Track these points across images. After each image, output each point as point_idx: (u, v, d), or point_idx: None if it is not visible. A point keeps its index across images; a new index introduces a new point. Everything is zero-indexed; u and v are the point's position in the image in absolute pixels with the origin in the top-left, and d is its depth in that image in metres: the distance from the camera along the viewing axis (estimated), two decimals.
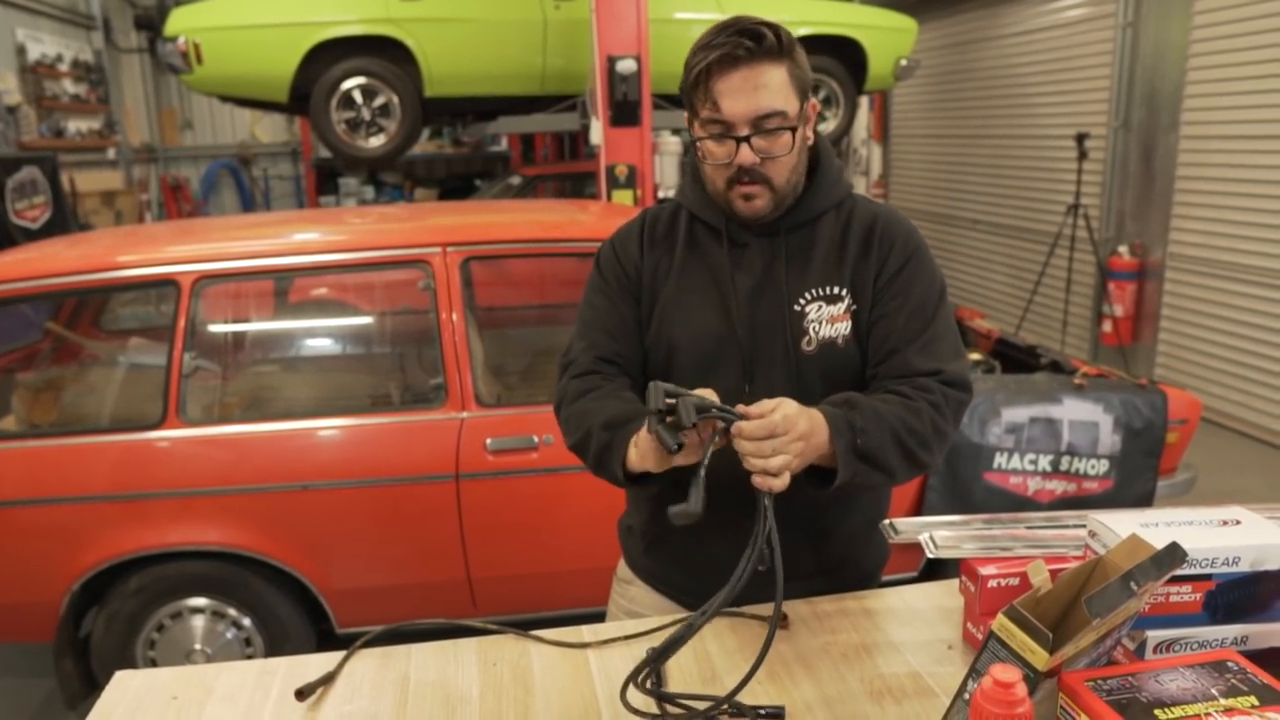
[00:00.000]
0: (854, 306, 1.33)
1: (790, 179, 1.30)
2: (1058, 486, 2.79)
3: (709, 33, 1.24)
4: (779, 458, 1.11)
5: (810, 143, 1.34)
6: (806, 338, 1.32)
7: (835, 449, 1.18)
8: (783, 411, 1.13)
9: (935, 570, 2.66)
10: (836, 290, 1.33)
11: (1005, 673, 0.78)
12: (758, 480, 1.12)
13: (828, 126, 5.98)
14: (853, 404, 1.23)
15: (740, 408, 1.14)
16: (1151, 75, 5.55)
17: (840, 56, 5.80)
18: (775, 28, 1.23)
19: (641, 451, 1.19)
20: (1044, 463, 2.77)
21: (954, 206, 8.02)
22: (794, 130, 1.25)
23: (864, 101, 8.39)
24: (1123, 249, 5.81)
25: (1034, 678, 0.91)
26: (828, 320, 1.32)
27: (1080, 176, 5.64)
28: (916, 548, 1.40)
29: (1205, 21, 5.11)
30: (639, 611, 1.48)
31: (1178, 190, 5.42)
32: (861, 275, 1.33)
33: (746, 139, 1.24)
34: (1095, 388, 2.82)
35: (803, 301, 1.32)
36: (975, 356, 3.55)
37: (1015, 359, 3.50)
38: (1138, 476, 2.82)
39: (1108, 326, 5.86)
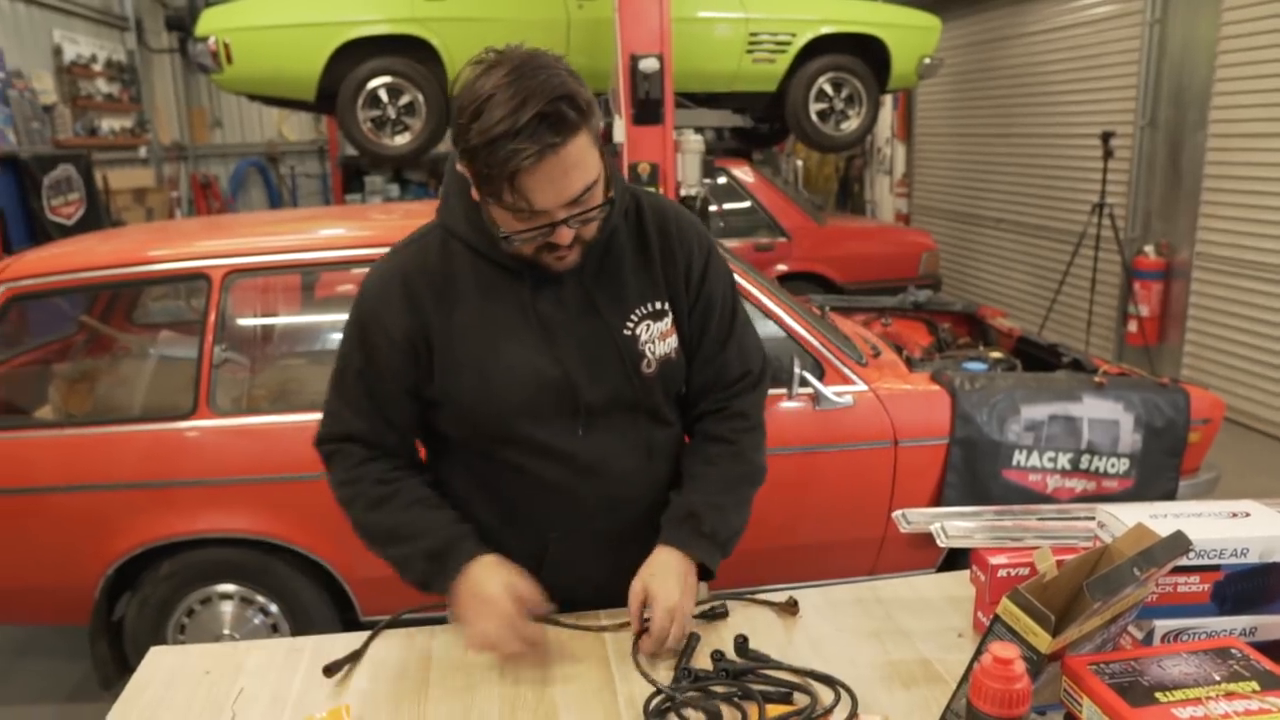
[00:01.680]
0: (672, 315, 1.31)
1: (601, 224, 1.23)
2: (1077, 484, 2.78)
3: (502, 115, 1.04)
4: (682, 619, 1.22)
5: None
6: (645, 360, 1.27)
7: (701, 558, 1.28)
8: (656, 601, 1.21)
9: (953, 568, 2.66)
10: (659, 305, 1.29)
11: (1004, 650, 0.81)
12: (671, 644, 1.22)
13: (851, 125, 5.97)
14: (692, 511, 1.29)
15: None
16: (1179, 73, 5.50)
17: (864, 55, 5.78)
18: (572, 95, 1.07)
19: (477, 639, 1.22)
20: (1063, 460, 2.76)
21: (978, 205, 7.97)
22: (607, 194, 1.17)
23: (888, 100, 8.38)
24: (1149, 248, 5.75)
25: (1038, 660, 0.93)
26: (659, 337, 1.29)
27: (1106, 175, 5.59)
28: (935, 546, 1.42)
29: (1234, 19, 5.05)
30: None
31: (1205, 189, 5.36)
32: (673, 282, 1.31)
33: (564, 222, 1.13)
34: (1116, 386, 2.81)
35: (631, 324, 1.27)
36: (996, 355, 3.54)
37: (1037, 358, 3.48)
38: (1159, 475, 2.80)
39: (1133, 327, 5.80)
